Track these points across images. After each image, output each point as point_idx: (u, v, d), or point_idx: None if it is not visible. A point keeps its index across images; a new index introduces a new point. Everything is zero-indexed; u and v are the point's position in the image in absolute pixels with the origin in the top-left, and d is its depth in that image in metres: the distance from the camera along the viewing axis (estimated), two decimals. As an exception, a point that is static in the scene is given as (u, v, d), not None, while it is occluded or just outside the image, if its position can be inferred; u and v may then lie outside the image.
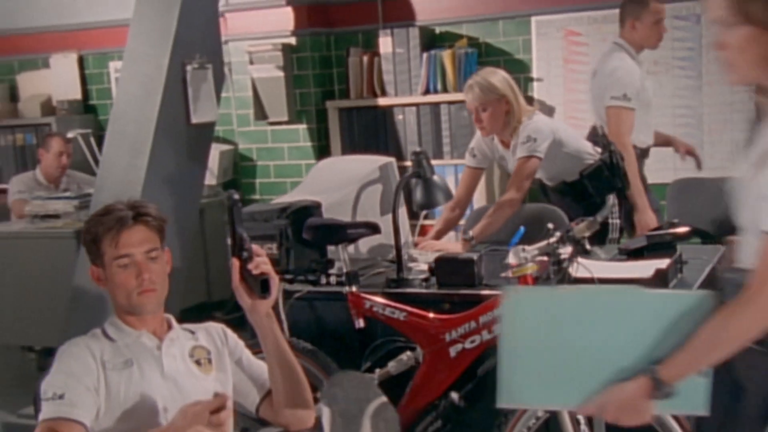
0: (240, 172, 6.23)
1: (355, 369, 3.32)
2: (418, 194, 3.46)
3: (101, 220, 2.40)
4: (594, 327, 2.03)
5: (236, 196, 2.45)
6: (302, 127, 5.97)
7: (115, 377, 2.34)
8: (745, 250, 2.06)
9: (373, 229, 3.32)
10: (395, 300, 3.24)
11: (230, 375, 2.48)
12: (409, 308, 3.16)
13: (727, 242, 2.99)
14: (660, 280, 3.00)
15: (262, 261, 2.38)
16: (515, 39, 5.62)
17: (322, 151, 5.93)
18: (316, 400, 2.52)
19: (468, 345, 3.04)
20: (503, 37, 5.65)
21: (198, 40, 5.14)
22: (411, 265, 3.56)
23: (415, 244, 3.82)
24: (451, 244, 3.82)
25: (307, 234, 3.28)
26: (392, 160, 3.64)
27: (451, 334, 3.06)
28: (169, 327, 2.51)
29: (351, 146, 5.75)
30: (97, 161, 5.83)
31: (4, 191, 6.64)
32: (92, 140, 5.88)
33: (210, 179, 5.90)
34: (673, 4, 5.24)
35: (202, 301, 5.87)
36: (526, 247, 2.91)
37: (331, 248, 3.38)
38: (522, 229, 3.44)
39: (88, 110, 6.79)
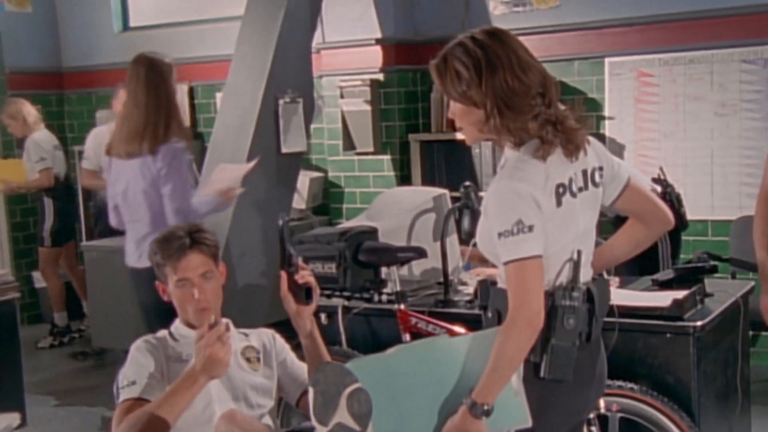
0: (329, 197, 6.68)
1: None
2: (465, 223, 3.79)
3: (163, 247, 2.82)
4: (424, 376, 2.39)
5: (287, 218, 2.85)
6: (386, 158, 6.38)
7: (177, 368, 2.76)
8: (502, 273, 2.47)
9: (420, 253, 3.68)
10: (440, 318, 3.59)
11: (275, 372, 2.87)
12: (448, 326, 3.50)
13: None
14: (677, 308, 3.27)
15: (306, 273, 2.78)
16: (589, 79, 5.90)
17: (404, 180, 6.32)
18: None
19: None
20: (578, 76, 5.94)
21: (290, 76, 5.62)
22: (460, 288, 3.89)
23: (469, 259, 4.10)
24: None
25: (363, 256, 3.67)
26: (446, 191, 3.99)
27: None
28: (227, 330, 2.92)
29: (431, 176, 6.13)
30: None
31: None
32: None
33: (300, 203, 6.37)
34: (742, 49, 5.46)
35: (286, 318, 6.29)
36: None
37: (384, 269, 3.75)
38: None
39: (196, 137, 7.35)
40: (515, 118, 2.37)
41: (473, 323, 3.54)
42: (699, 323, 3.25)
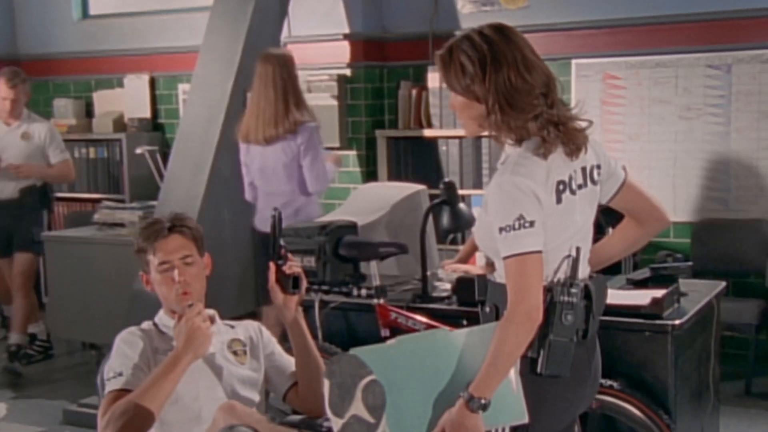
0: (293, 192, 6.64)
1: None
2: (444, 220, 3.80)
3: (144, 233, 2.82)
4: (422, 368, 2.41)
5: (279, 211, 2.85)
6: (353, 153, 6.37)
7: (163, 360, 2.73)
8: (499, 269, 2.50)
9: (402, 248, 3.69)
10: (418, 314, 3.60)
11: (263, 365, 2.86)
12: (427, 321, 3.51)
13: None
14: (656, 307, 3.32)
15: (294, 263, 2.78)
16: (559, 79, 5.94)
17: (370, 176, 6.32)
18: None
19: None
20: (545, 77, 5.98)
21: (260, 70, 5.57)
22: (436, 284, 3.90)
23: (445, 265, 4.14)
24: (476, 267, 4.14)
25: (344, 250, 3.66)
26: (424, 187, 4.01)
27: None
28: (212, 321, 2.90)
29: (397, 173, 6.13)
30: (161, 176, 6.28)
31: (71, 200, 7.18)
32: (158, 156, 6.35)
33: (264, 197, 6.34)
34: (707, 54, 5.56)
35: (252, 311, 6.26)
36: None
37: (363, 264, 3.75)
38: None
39: (156, 128, 7.28)
40: (516, 117, 2.39)
41: (451, 319, 3.58)
42: (677, 322, 3.30)
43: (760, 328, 5.15)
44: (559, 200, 2.42)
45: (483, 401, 2.32)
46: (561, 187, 2.42)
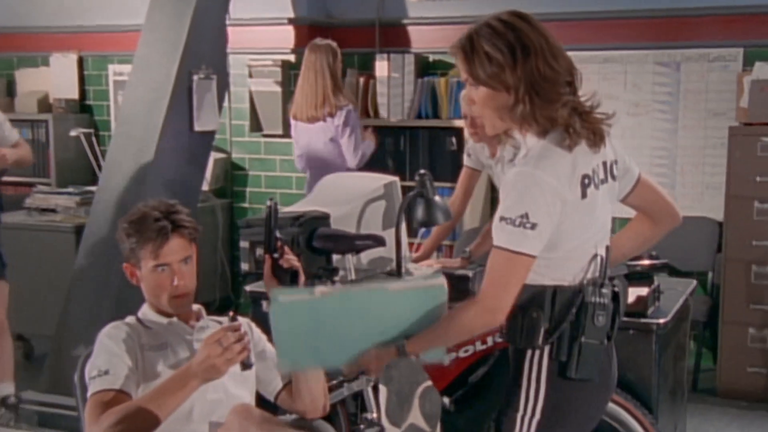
0: (231, 180, 6.46)
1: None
2: (419, 212, 3.69)
3: (140, 229, 2.61)
4: (355, 322, 2.39)
5: (275, 201, 2.70)
6: (295, 141, 6.22)
7: (151, 357, 2.58)
8: None
9: (378, 241, 3.57)
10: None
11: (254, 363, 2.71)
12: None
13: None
14: (640, 305, 3.29)
15: (291, 257, 2.64)
16: (505, 72, 5.90)
17: (314, 165, 6.17)
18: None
19: (461, 354, 3.29)
20: (494, 69, 5.93)
21: (206, 51, 5.39)
22: (408, 278, 3.80)
23: (415, 260, 4.05)
24: (449, 261, 4.06)
25: (318, 242, 3.52)
26: (396, 179, 3.89)
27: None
28: (200, 316, 2.75)
29: (343, 163, 5.99)
30: (96, 159, 6.04)
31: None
32: (94, 139, 6.08)
33: (202, 185, 6.13)
34: (655, 51, 5.58)
35: (204, 302, 6.06)
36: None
37: (336, 257, 3.62)
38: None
39: (84, 110, 6.98)
40: (544, 107, 2.29)
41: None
42: (661, 321, 3.28)
43: (706, 325, 5.20)
44: (584, 194, 2.31)
45: (413, 357, 2.33)
46: (586, 181, 2.32)
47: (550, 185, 2.25)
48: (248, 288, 3.88)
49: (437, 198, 3.70)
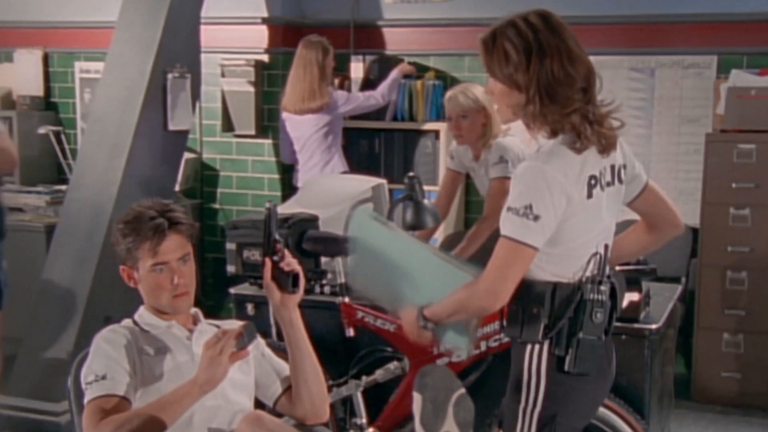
0: (202, 180, 6.37)
1: (339, 376, 3.54)
2: (408, 215, 3.67)
3: (137, 228, 2.54)
4: (408, 262, 2.59)
5: (274, 204, 2.66)
6: (268, 142, 6.15)
7: (150, 362, 2.51)
8: None
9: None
10: (379, 312, 3.45)
11: (253, 368, 2.66)
12: (398, 321, 3.37)
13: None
14: (633, 310, 3.29)
15: (293, 260, 2.59)
16: (480, 75, 5.89)
17: (287, 167, 6.11)
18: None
19: (454, 358, 3.27)
20: (468, 72, 5.93)
21: (180, 50, 5.31)
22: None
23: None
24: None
25: (308, 245, 3.48)
26: (384, 181, 3.86)
27: (439, 347, 3.29)
28: (197, 320, 2.69)
29: (314, 165, 5.94)
30: (65, 157, 5.92)
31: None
32: (63, 137, 5.96)
33: (173, 185, 6.05)
34: (630, 57, 5.61)
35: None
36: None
37: (324, 259, 3.58)
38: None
39: (49, 107, 6.83)
40: (554, 110, 2.34)
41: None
42: (653, 326, 3.29)
43: (680, 331, 5.23)
44: (590, 195, 2.36)
45: (429, 325, 2.45)
46: (593, 181, 2.37)
47: (557, 181, 2.29)
48: (233, 290, 3.82)
49: (426, 201, 3.69)
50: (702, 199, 5.08)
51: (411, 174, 3.71)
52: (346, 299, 3.46)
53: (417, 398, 2.10)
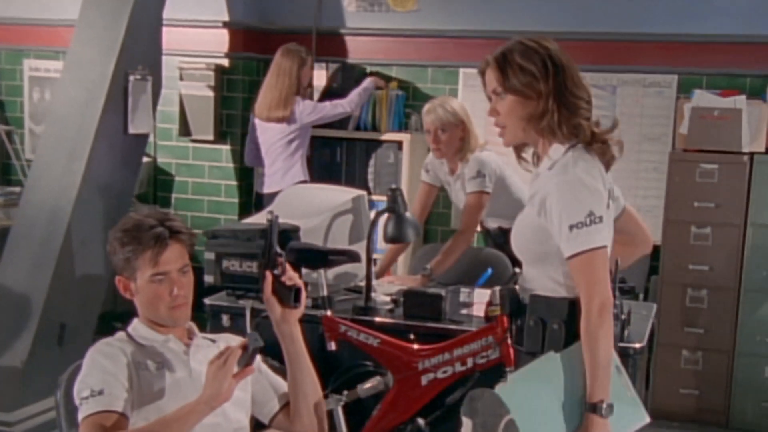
0: (156, 185, 6.24)
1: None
2: (389, 228, 3.64)
3: (137, 237, 2.46)
4: (554, 387, 2.41)
5: (276, 215, 2.59)
6: (226, 148, 6.05)
7: (147, 377, 2.42)
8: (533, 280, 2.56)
9: (353, 257, 3.48)
10: (362, 326, 3.41)
11: (249, 384, 2.59)
12: (382, 335, 3.33)
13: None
14: (620, 329, 3.29)
15: (294, 274, 2.54)
16: (443, 87, 5.89)
17: (245, 173, 6.03)
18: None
19: (440, 375, 3.23)
20: (431, 83, 5.92)
21: (142, 51, 5.21)
22: (371, 294, 3.73)
23: (376, 276, 3.98)
24: (410, 278, 4.01)
25: (291, 256, 3.38)
26: (364, 193, 3.81)
27: (424, 363, 3.25)
28: (192, 334, 2.61)
29: (275, 172, 5.85)
30: (18, 157, 5.75)
31: None
32: (16, 137, 5.78)
33: (127, 189, 5.90)
34: (592, 74, 5.65)
35: (107, 311, 5.82)
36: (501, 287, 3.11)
37: (304, 271, 3.51)
38: (489, 270, 3.69)
39: (-5, 106, 6.64)
40: (570, 117, 2.46)
41: (398, 332, 3.43)
42: (637, 345, 3.30)
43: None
44: (608, 205, 2.46)
45: (606, 403, 2.34)
46: (608, 194, 2.48)
47: (593, 183, 2.41)
48: (208, 301, 3.73)
49: (408, 214, 3.66)
50: (664, 217, 5.14)
51: (393, 186, 3.67)
52: (329, 312, 3.40)
53: (467, 423, 2.09)
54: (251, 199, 6.03)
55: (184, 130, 6.04)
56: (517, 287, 2.72)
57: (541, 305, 2.45)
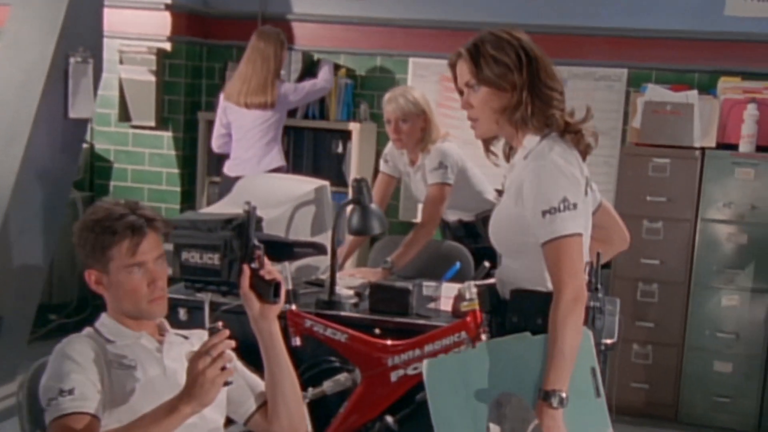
0: (93, 171, 6.02)
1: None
2: (354, 220, 3.53)
3: (113, 227, 2.32)
4: (500, 373, 2.40)
5: (253, 205, 2.47)
6: (167, 135, 5.87)
7: (119, 376, 2.28)
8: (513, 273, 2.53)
9: (320, 249, 3.35)
10: (327, 320, 3.30)
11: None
12: (351, 331, 3.23)
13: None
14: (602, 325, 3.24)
15: (273, 268, 2.42)
16: (391, 76, 5.80)
17: (188, 161, 5.86)
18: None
19: (410, 371, 3.14)
20: (380, 73, 5.82)
21: (83, 33, 5.01)
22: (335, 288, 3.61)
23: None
24: (371, 271, 3.90)
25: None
26: (327, 183, 3.69)
27: (394, 360, 3.16)
28: (163, 330, 2.47)
29: (218, 160, 5.68)
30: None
31: None
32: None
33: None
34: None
35: (43, 303, 5.60)
36: (477, 283, 3.04)
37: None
38: (458, 264, 3.61)
39: None
40: (543, 108, 2.45)
41: (364, 327, 3.33)
42: (609, 341, 3.25)
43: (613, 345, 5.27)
44: (585, 192, 2.45)
45: (561, 394, 2.27)
46: (585, 180, 2.46)
47: (569, 169, 2.39)
48: (164, 294, 3.57)
49: (373, 206, 3.56)
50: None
51: (358, 177, 3.57)
52: (293, 307, 3.28)
53: (494, 430, 1.98)
54: (194, 187, 5.86)
55: (124, 116, 5.83)
56: (494, 281, 2.66)
57: (524, 300, 2.41)
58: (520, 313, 2.42)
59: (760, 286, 4.91)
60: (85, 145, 5.92)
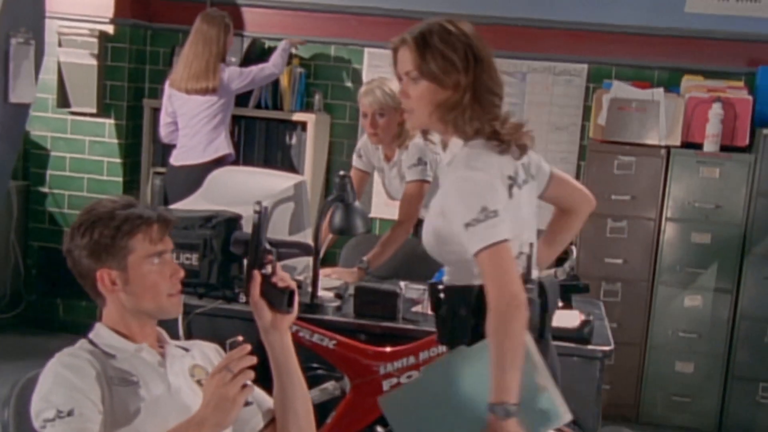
0: (27, 159, 5.68)
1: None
2: (337, 218, 3.35)
3: (124, 216, 2.12)
4: (452, 394, 2.36)
5: (265, 205, 2.27)
6: (109, 122, 5.57)
7: (121, 394, 2.06)
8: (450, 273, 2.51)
9: (306, 250, 3.16)
10: (310, 324, 3.12)
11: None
12: (339, 337, 3.05)
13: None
14: (585, 330, 3.14)
15: (286, 275, 2.23)
16: (346, 66, 5.61)
17: (131, 150, 5.57)
18: None
19: (404, 380, 2.99)
20: (334, 62, 5.62)
21: (24, 13, 4.76)
22: (308, 290, 3.43)
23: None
24: (346, 271, 3.71)
25: (237, 248, 3.05)
26: (305, 179, 3.51)
27: (386, 368, 3.00)
28: (162, 341, 2.26)
29: (163, 149, 5.42)
30: None
31: None
32: None
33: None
34: (502, 60, 5.47)
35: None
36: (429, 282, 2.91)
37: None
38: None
39: None
40: (479, 116, 2.38)
41: (349, 332, 3.16)
42: (605, 348, 3.15)
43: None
44: (510, 195, 2.39)
45: (508, 406, 2.19)
46: (510, 182, 2.40)
47: (484, 179, 2.32)
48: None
49: (357, 204, 3.38)
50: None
51: (342, 173, 3.38)
52: (278, 310, 3.08)
53: None
54: (137, 177, 5.57)
55: (63, 101, 5.51)
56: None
57: (453, 294, 2.41)
58: (446, 304, 2.43)
59: (722, 286, 4.88)
60: (19, 132, 5.60)
